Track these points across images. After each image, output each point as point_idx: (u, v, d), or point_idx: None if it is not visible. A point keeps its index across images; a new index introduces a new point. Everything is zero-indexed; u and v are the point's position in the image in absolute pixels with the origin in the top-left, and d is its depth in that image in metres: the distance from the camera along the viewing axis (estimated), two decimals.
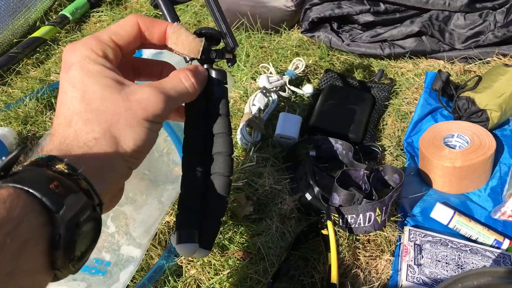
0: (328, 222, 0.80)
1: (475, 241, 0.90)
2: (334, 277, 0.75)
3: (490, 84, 1.07)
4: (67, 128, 0.50)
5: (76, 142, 0.49)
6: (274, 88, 1.20)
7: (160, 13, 0.67)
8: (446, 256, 0.84)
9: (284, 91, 1.23)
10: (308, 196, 0.91)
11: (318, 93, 1.24)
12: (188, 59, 0.64)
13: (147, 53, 1.33)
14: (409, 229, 0.88)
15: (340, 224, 0.87)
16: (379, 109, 1.20)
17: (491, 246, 0.88)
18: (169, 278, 0.85)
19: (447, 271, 0.81)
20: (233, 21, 1.46)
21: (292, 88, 1.23)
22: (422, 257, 0.83)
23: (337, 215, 0.86)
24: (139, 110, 0.52)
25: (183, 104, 0.65)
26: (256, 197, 0.96)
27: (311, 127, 1.13)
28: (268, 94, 1.16)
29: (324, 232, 0.84)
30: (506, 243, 0.88)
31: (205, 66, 0.65)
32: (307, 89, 1.24)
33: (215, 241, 0.76)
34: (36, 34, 1.56)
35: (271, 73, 1.25)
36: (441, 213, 0.92)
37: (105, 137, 0.50)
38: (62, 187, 0.42)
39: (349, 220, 0.85)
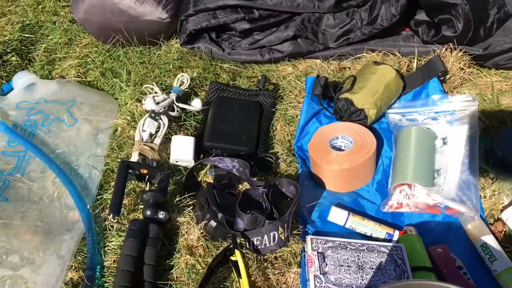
0: (236, 251, 0.82)
1: (370, 237, 0.97)
2: None
3: (364, 84, 1.15)
4: None
5: None
6: (163, 109, 1.18)
7: None
8: (347, 259, 0.90)
9: (173, 110, 1.21)
10: (213, 223, 0.92)
11: (207, 107, 1.24)
12: None
13: (19, 84, 1.23)
14: (311, 238, 0.93)
15: (247, 247, 0.90)
16: (267, 116, 1.24)
17: (384, 239, 0.97)
18: None
19: (349, 274, 0.88)
20: (107, 38, 1.40)
21: (181, 105, 1.22)
22: (326, 264, 0.89)
23: (243, 239, 0.89)
24: None
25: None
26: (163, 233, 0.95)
27: (206, 146, 1.13)
28: (157, 117, 1.14)
29: (233, 258, 0.86)
30: (396, 234, 0.97)
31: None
32: (196, 104, 1.23)
33: None
34: None
35: (156, 93, 1.22)
36: (337, 216, 0.99)
37: None
38: None
39: (255, 242, 0.88)
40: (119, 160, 1.09)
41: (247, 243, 0.89)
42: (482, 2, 1.21)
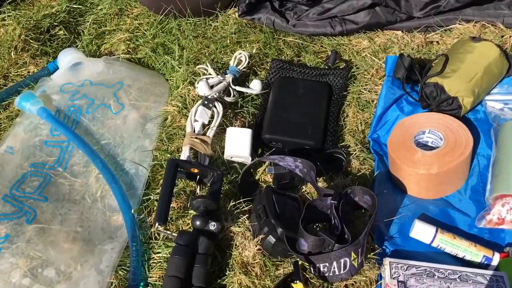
0: (297, 284, 0.68)
1: (462, 259, 0.80)
2: None
3: (458, 66, 0.94)
4: None
5: None
6: (217, 94, 1.04)
7: None
8: None
9: (229, 94, 1.07)
10: (272, 239, 0.78)
11: (267, 90, 1.08)
12: None
13: (63, 63, 1.13)
14: (390, 262, 0.77)
15: (312, 272, 0.76)
16: (337, 100, 1.06)
17: (480, 264, 0.79)
18: None
19: None
20: (159, 9, 1.26)
21: (238, 88, 1.07)
22: None
23: (307, 264, 0.74)
24: None
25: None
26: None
27: (265, 138, 0.99)
28: (211, 105, 1.00)
29: (295, 286, 0.72)
30: (496, 258, 0.79)
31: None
32: (255, 86, 1.08)
33: None
34: None
35: (210, 74, 1.08)
36: (422, 232, 0.82)
37: None
38: None
39: (321, 269, 0.73)
40: (169, 154, 0.97)
41: (311, 268, 0.74)
42: None
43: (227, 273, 0.80)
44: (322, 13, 1.14)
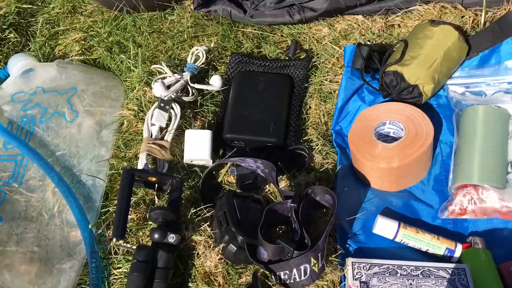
0: None
1: (426, 253, 0.79)
2: None
3: (418, 52, 0.91)
4: None
5: None
6: (175, 95, 1.00)
7: None
8: None
9: (188, 92, 1.04)
10: (233, 248, 0.76)
11: (228, 86, 1.05)
12: None
13: (14, 70, 1.09)
14: (352, 262, 0.76)
15: (274, 280, 0.75)
16: (299, 93, 1.04)
17: (443, 256, 0.79)
18: None
19: None
20: (112, 5, 1.21)
21: (197, 86, 1.04)
22: None
23: (268, 272, 0.73)
24: None
25: None
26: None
27: (226, 138, 0.96)
28: (167, 107, 0.97)
29: None
30: (458, 250, 0.79)
31: None
32: (214, 82, 1.05)
33: None
34: None
35: (166, 73, 1.04)
36: (384, 228, 0.81)
37: None
38: None
39: (282, 277, 0.72)
40: (126, 162, 0.94)
41: (273, 276, 0.73)
42: None
43: (189, 285, 0.78)
44: (279, 2, 1.10)
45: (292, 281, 0.72)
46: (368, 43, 1.06)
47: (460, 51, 0.93)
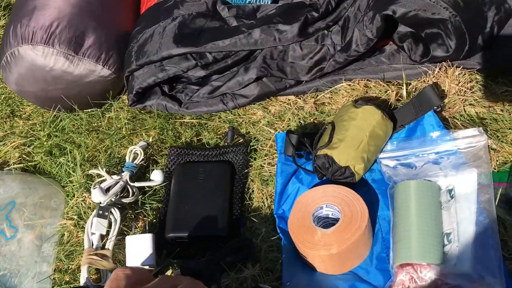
0: None
1: None
2: None
3: (344, 135, 0.94)
4: None
5: None
6: (115, 198, 1.00)
7: None
8: None
9: (129, 193, 1.04)
10: None
11: (169, 179, 1.06)
12: None
13: None
14: None
15: None
16: (240, 179, 1.05)
17: None
18: None
19: None
20: (49, 106, 1.22)
21: (137, 184, 1.04)
22: None
23: None
24: None
25: None
26: None
27: (169, 238, 0.96)
28: (106, 213, 0.96)
29: None
30: None
31: None
32: (155, 177, 1.05)
33: None
34: None
35: (103, 177, 1.04)
36: None
37: None
38: None
39: None
40: (69, 276, 0.92)
41: None
42: (476, 6, 0.99)
43: None
44: (212, 92, 1.13)
45: None
46: (302, 122, 1.09)
47: (385, 128, 0.97)
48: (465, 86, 1.01)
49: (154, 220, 1.01)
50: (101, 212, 0.95)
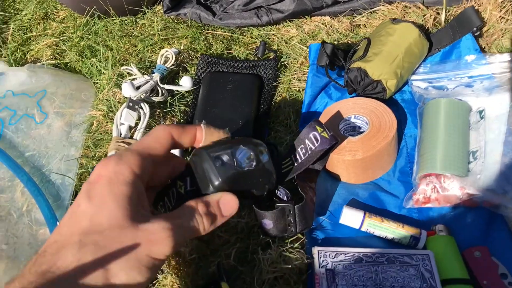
0: (222, 284, 0.68)
1: (391, 240, 0.81)
2: None
3: (380, 49, 0.94)
4: (60, 250, 0.49)
5: (63, 270, 0.47)
6: (144, 95, 1.01)
7: None
8: (362, 275, 0.74)
9: (158, 93, 1.05)
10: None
11: (197, 86, 1.07)
12: None
13: None
14: (318, 251, 0.77)
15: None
16: (268, 92, 1.05)
17: (408, 244, 0.80)
18: None
19: None
20: (82, 10, 1.22)
21: (167, 86, 1.05)
22: (337, 285, 0.73)
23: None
24: (144, 244, 0.51)
25: None
26: None
27: None
28: (136, 107, 0.97)
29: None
30: (423, 237, 0.80)
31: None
32: (185, 83, 1.06)
33: None
34: None
35: (135, 75, 1.05)
36: (350, 218, 0.82)
37: (95, 269, 0.48)
38: None
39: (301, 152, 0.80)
40: (95, 161, 0.94)
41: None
42: None
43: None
44: (247, 4, 1.13)
45: (309, 152, 0.79)
46: (336, 42, 1.08)
47: (421, 47, 0.96)
48: (507, 16, 0.99)
49: (181, 120, 1.02)
50: (131, 104, 0.96)
